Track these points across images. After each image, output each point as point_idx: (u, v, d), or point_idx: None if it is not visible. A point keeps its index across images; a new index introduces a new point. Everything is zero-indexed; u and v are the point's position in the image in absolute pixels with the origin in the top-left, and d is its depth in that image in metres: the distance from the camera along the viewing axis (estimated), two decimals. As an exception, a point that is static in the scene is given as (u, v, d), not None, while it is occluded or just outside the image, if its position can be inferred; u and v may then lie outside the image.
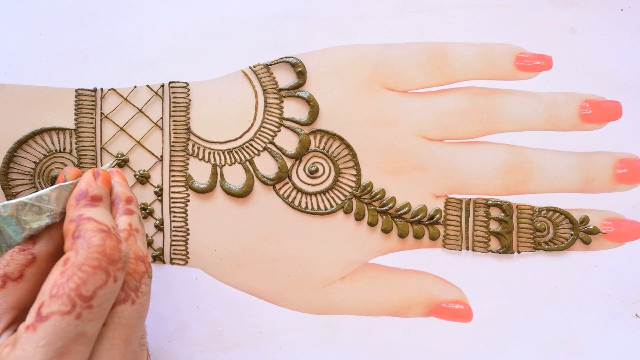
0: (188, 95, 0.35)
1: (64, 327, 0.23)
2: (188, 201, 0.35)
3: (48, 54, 0.35)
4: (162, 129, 0.35)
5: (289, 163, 0.35)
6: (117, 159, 0.34)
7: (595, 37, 0.35)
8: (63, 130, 0.34)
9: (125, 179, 0.31)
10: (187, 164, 0.35)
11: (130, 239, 0.27)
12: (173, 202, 0.35)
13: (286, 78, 0.35)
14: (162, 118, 0.35)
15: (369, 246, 0.35)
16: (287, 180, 0.35)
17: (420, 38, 0.35)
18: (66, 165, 0.35)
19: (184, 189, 0.35)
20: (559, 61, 0.35)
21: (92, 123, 0.35)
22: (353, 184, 0.35)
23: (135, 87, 0.35)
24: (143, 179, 0.35)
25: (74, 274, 0.24)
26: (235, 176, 0.35)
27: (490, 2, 0.35)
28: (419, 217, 0.35)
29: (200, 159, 0.35)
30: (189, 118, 0.35)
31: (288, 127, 0.35)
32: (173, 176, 0.35)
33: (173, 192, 0.35)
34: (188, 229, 0.35)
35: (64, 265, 0.24)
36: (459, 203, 0.35)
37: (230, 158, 0.35)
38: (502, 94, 0.35)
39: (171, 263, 0.35)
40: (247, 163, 0.35)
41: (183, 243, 0.35)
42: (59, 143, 0.34)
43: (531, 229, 0.35)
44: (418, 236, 0.35)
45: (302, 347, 0.35)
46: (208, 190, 0.35)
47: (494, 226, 0.35)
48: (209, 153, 0.35)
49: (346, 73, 0.35)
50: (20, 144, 0.34)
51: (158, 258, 0.35)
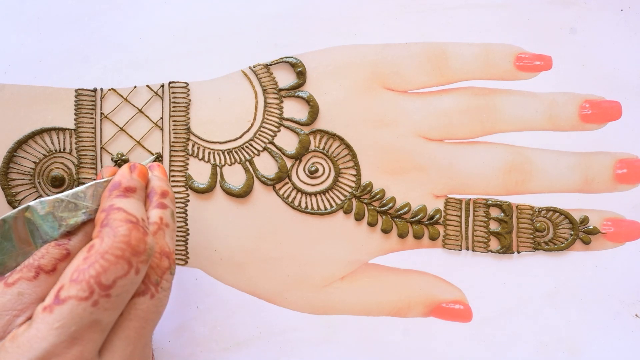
0: (188, 95, 0.35)
1: (80, 313, 0.23)
2: (188, 201, 0.35)
3: (48, 54, 0.35)
4: (162, 129, 0.35)
5: (289, 163, 0.35)
6: (156, 155, 0.34)
7: (595, 37, 0.35)
8: (63, 130, 0.34)
9: (165, 174, 0.31)
10: (187, 164, 0.35)
11: (159, 233, 0.27)
12: (173, 202, 0.35)
13: (286, 78, 0.35)
14: (162, 118, 0.35)
15: (369, 246, 0.35)
16: (287, 180, 0.35)
17: (420, 38, 0.35)
18: (66, 165, 0.35)
19: (184, 189, 0.35)
20: (559, 61, 0.35)
21: (92, 123, 0.35)
22: (353, 184, 0.35)
23: (135, 87, 0.35)
24: (143, 179, 0.35)
25: (96, 261, 0.24)
26: (235, 176, 0.35)
27: (490, 2, 0.35)
28: (419, 217, 0.35)
29: (200, 159, 0.35)
30: (189, 118, 0.35)
31: (288, 127, 0.35)
32: (173, 176, 0.35)
33: (173, 192, 0.35)
34: (188, 229, 0.35)
35: (88, 251, 0.24)
36: (459, 203, 0.35)
37: (230, 158, 0.35)
38: (502, 94, 0.35)
39: (171, 263, 0.35)
40: (247, 163, 0.35)
41: (183, 243, 0.35)
42: (59, 143, 0.34)
43: (531, 229, 0.35)
44: (418, 236, 0.35)
45: (302, 347, 0.35)
46: (208, 190, 0.35)
47: (494, 226, 0.35)
48: (209, 153, 0.35)
49: (346, 73, 0.35)
50: (20, 144, 0.34)
51: (158, 258, 0.35)
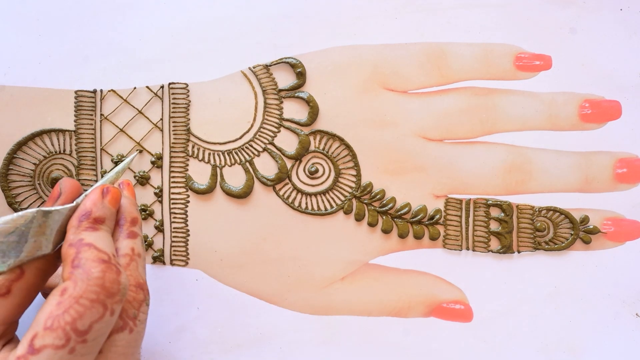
0: (188, 96, 0.35)
1: None
2: (188, 202, 0.35)
3: (47, 56, 0.35)
4: (162, 130, 0.35)
5: (289, 164, 0.35)
6: (137, 152, 0.34)
7: (594, 37, 0.35)
8: (63, 131, 0.34)
9: (134, 193, 0.30)
10: (187, 165, 0.35)
11: (131, 265, 0.27)
12: (173, 203, 0.35)
13: (286, 79, 0.35)
14: (162, 119, 0.35)
15: (369, 247, 0.35)
16: (287, 180, 0.35)
17: (419, 38, 0.35)
18: (66, 166, 0.35)
19: (184, 190, 0.35)
20: (559, 61, 0.35)
21: (92, 124, 0.35)
22: (353, 185, 0.35)
23: (134, 88, 0.35)
24: (143, 180, 0.35)
25: (71, 307, 0.23)
26: (235, 177, 0.35)
27: (490, 2, 0.35)
28: (419, 218, 0.35)
29: (200, 160, 0.35)
30: (189, 119, 0.35)
31: (288, 128, 0.35)
32: (173, 177, 0.35)
33: (173, 193, 0.35)
34: (188, 230, 0.35)
35: (61, 295, 0.23)
36: (459, 203, 0.35)
37: (230, 159, 0.35)
38: (502, 94, 0.35)
39: (171, 264, 0.35)
40: (247, 164, 0.35)
41: (183, 244, 0.35)
42: (59, 144, 0.34)
43: (531, 229, 0.35)
44: (418, 236, 0.35)
45: (303, 348, 0.35)
46: (208, 191, 0.35)
47: (494, 226, 0.35)
48: (209, 154, 0.35)
49: (346, 73, 0.35)
50: (20, 146, 0.34)
51: (158, 259, 0.35)
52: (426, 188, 0.35)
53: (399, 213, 0.35)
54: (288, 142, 0.35)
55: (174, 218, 0.35)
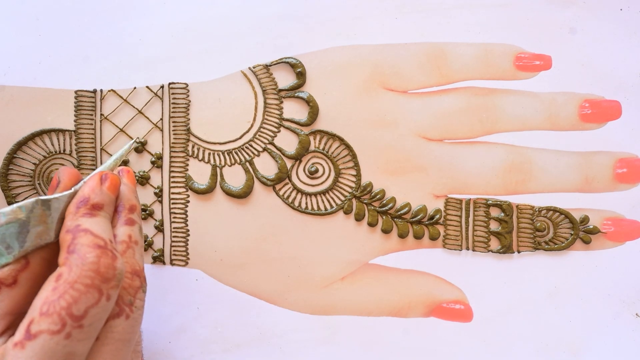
0: (188, 96, 0.35)
1: (53, 347, 0.22)
2: (188, 202, 0.35)
3: (47, 55, 0.35)
4: (162, 130, 0.35)
5: (289, 164, 0.35)
6: (134, 141, 0.33)
7: (594, 37, 0.35)
8: (63, 131, 0.34)
9: (134, 181, 0.30)
10: (187, 165, 0.35)
11: (128, 252, 0.27)
12: (173, 203, 0.35)
13: (286, 79, 0.35)
14: (162, 119, 0.35)
15: (369, 246, 0.35)
16: (287, 180, 0.35)
17: (419, 38, 0.35)
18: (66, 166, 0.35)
19: (184, 190, 0.35)
20: (559, 61, 0.35)
21: (92, 124, 0.35)
22: (353, 185, 0.35)
23: (134, 88, 0.35)
24: (143, 180, 0.35)
25: (66, 292, 0.23)
26: (235, 177, 0.35)
27: (490, 2, 0.35)
28: (419, 217, 0.35)
29: (200, 160, 0.35)
30: (189, 119, 0.35)
31: (288, 128, 0.35)
32: (173, 177, 0.35)
33: (173, 193, 0.35)
34: (188, 230, 0.35)
35: (57, 281, 0.23)
36: (459, 203, 0.35)
37: (230, 159, 0.35)
38: (502, 94, 0.35)
39: (171, 264, 0.35)
40: (247, 164, 0.35)
41: (183, 244, 0.35)
42: (59, 144, 0.34)
43: (531, 229, 0.35)
44: (418, 236, 0.35)
45: (303, 348, 0.35)
46: (208, 191, 0.35)
47: (494, 226, 0.35)
48: (209, 154, 0.35)
49: (346, 73, 0.35)
50: (20, 146, 0.34)
51: (158, 259, 0.35)
52: (426, 188, 0.35)
53: (399, 213, 0.35)
54: (288, 142, 0.35)
55: (174, 218, 0.35)
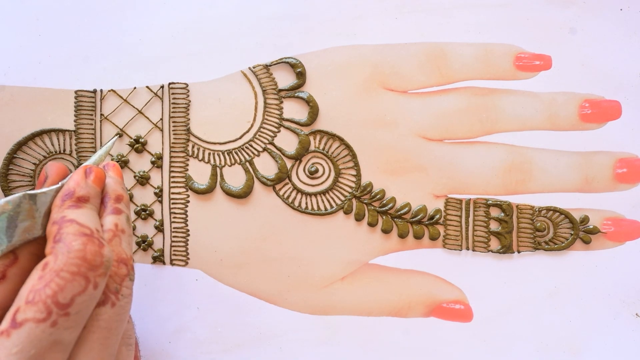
0: (188, 96, 0.35)
1: (38, 335, 0.22)
2: (188, 202, 0.35)
3: (47, 55, 0.35)
4: (162, 130, 0.35)
5: (289, 164, 0.35)
6: (117, 135, 0.34)
7: (594, 37, 0.35)
8: (63, 131, 0.34)
9: (120, 174, 0.30)
10: (187, 165, 0.35)
11: (114, 240, 0.26)
12: (173, 203, 0.35)
13: (286, 79, 0.35)
14: (162, 119, 0.35)
15: (369, 246, 0.35)
16: (287, 180, 0.35)
17: (419, 38, 0.35)
18: (66, 166, 0.34)
19: (184, 190, 0.35)
20: (559, 61, 0.35)
21: (92, 124, 0.35)
22: (353, 185, 0.35)
23: (134, 88, 0.35)
24: (143, 180, 0.35)
25: (52, 280, 0.23)
26: (235, 177, 0.35)
27: (490, 2, 0.35)
28: (419, 217, 0.35)
29: (200, 160, 0.35)
30: (189, 119, 0.35)
31: (288, 128, 0.35)
32: (173, 177, 0.35)
33: (173, 193, 0.35)
34: (188, 230, 0.35)
35: (43, 270, 0.23)
36: (459, 203, 0.35)
37: (230, 159, 0.35)
38: (502, 94, 0.35)
39: (171, 264, 0.35)
40: (247, 164, 0.35)
41: (183, 244, 0.35)
42: (59, 144, 0.34)
43: (531, 229, 0.35)
44: (418, 236, 0.35)
45: (303, 348, 0.35)
46: (208, 191, 0.35)
47: (494, 226, 0.35)
48: (209, 154, 0.35)
49: (346, 73, 0.35)
50: (20, 146, 0.34)
51: (158, 259, 0.35)
52: (426, 188, 0.35)
53: (399, 213, 0.35)
54: (288, 142, 0.35)
55: (174, 218, 0.35)
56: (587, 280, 0.35)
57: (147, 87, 0.35)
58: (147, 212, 0.35)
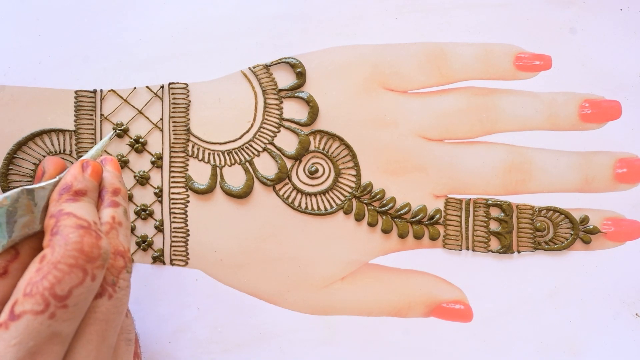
0: (188, 96, 0.35)
1: (37, 327, 0.22)
2: (188, 202, 0.35)
3: (47, 55, 0.35)
4: (162, 130, 0.35)
5: (289, 164, 0.35)
6: (113, 132, 0.34)
7: (594, 37, 0.35)
8: (63, 131, 0.34)
9: (118, 168, 0.30)
10: (187, 165, 0.35)
11: (111, 233, 0.26)
12: (173, 203, 0.35)
13: (286, 79, 0.35)
14: (162, 119, 0.35)
15: (369, 246, 0.35)
16: (287, 180, 0.35)
17: (419, 38, 0.35)
18: (66, 166, 0.34)
19: (184, 190, 0.35)
20: (559, 61, 0.35)
21: (92, 124, 0.35)
22: (353, 185, 0.35)
23: (134, 89, 0.35)
24: (143, 180, 0.35)
25: (49, 272, 0.23)
26: (235, 177, 0.35)
27: (490, 2, 0.35)
28: (419, 217, 0.35)
29: (200, 160, 0.35)
30: (189, 119, 0.35)
31: (288, 128, 0.35)
32: (173, 177, 0.35)
33: (173, 193, 0.35)
34: (188, 230, 0.35)
35: (40, 262, 0.23)
36: (459, 203, 0.35)
37: (230, 159, 0.35)
38: (502, 94, 0.35)
39: (171, 264, 0.35)
40: (247, 164, 0.35)
41: (183, 244, 0.35)
42: (59, 144, 0.34)
43: (531, 229, 0.35)
44: (418, 236, 0.35)
45: (303, 348, 0.35)
46: (208, 191, 0.35)
47: (494, 226, 0.35)
48: (209, 154, 0.35)
49: (346, 73, 0.35)
50: (20, 146, 0.34)
51: (158, 259, 0.35)
52: (426, 188, 0.35)
53: (399, 213, 0.35)
54: (288, 142, 0.35)
55: (174, 218, 0.35)
56: (587, 280, 0.35)
57: (147, 87, 0.35)
58: (147, 212, 0.35)
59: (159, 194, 0.35)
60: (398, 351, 0.35)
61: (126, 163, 0.35)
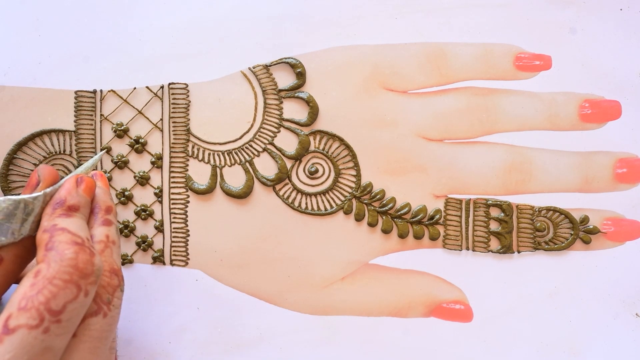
0: (187, 96, 0.35)
1: (31, 341, 0.22)
2: (188, 202, 0.35)
3: (47, 56, 0.35)
4: (162, 130, 0.35)
5: (289, 164, 0.35)
6: (104, 150, 0.34)
7: (594, 37, 0.35)
8: (63, 132, 0.34)
9: (107, 184, 0.31)
10: (187, 165, 0.35)
11: (106, 252, 0.27)
12: (173, 204, 0.35)
13: (286, 79, 0.35)
14: (162, 119, 0.35)
15: (369, 247, 0.35)
16: (287, 181, 0.35)
17: (419, 38, 0.35)
18: (66, 166, 0.35)
19: (184, 190, 0.35)
20: (559, 61, 0.35)
21: (92, 124, 0.35)
22: (353, 185, 0.35)
23: (134, 89, 0.35)
24: (143, 180, 0.35)
25: (44, 287, 0.23)
26: (235, 177, 0.35)
27: (490, 2, 0.35)
28: (419, 218, 0.35)
29: (200, 160, 0.35)
30: (189, 119, 0.35)
31: (288, 128, 0.35)
32: (173, 177, 0.35)
33: (173, 193, 0.35)
34: (188, 230, 0.35)
35: (35, 277, 0.24)
36: (459, 203, 0.35)
37: (230, 159, 0.35)
38: (502, 94, 0.35)
39: (171, 264, 0.35)
40: (247, 164, 0.35)
41: (183, 244, 0.35)
42: (59, 145, 0.34)
43: (531, 229, 0.35)
44: (418, 236, 0.35)
45: (303, 348, 0.35)
46: (208, 191, 0.35)
47: (494, 226, 0.35)
48: (209, 154, 0.35)
49: (346, 73, 0.35)
50: (20, 146, 0.34)
51: (158, 259, 0.35)
52: (426, 188, 0.35)
53: (399, 213, 0.35)
54: (288, 142, 0.35)
55: (174, 218, 0.35)
56: (587, 280, 0.35)
57: (147, 88, 0.35)
58: (147, 213, 0.35)
59: (159, 194, 0.35)
60: (398, 351, 0.35)
61: (126, 163, 0.35)
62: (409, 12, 0.35)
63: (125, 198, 0.35)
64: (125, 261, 0.35)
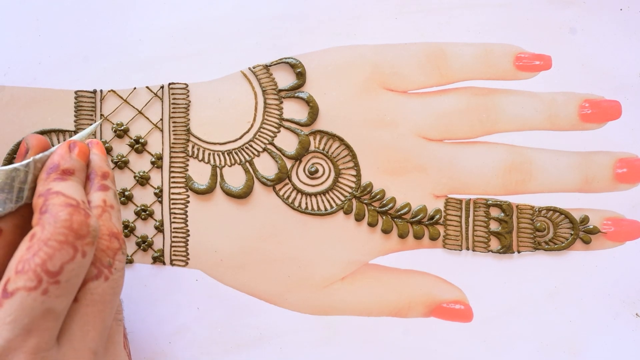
0: (187, 96, 0.35)
1: (30, 303, 0.23)
2: (188, 202, 0.35)
3: (47, 56, 0.35)
4: (162, 130, 0.35)
5: (289, 164, 0.35)
6: (98, 123, 0.34)
7: (594, 37, 0.35)
8: (63, 132, 0.34)
9: (104, 152, 0.30)
10: (187, 165, 0.35)
11: (104, 216, 0.27)
12: (173, 204, 0.35)
13: (286, 79, 0.35)
14: (162, 119, 0.35)
15: (369, 247, 0.35)
16: (287, 181, 0.35)
17: (419, 38, 0.35)
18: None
19: (184, 190, 0.35)
20: (559, 61, 0.35)
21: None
22: (353, 185, 0.35)
23: (134, 89, 0.35)
24: (143, 181, 0.35)
25: (40, 249, 0.23)
26: (235, 177, 0.35)
27: (490, 2, 0.35)
28: (419, 218, 0.35)
29: (200, 160, 0.35)
30: (189, 119, 0.35)
31: (288, 128, 0.35)
32: (173, 177, 0.35)
33: (173, 194, 0.35)
34: (188, 230, 0.35)
35: (30, 240, 0.24)
36: (459, 203, 0.35)
37: (230, 159, 0.35)
38: (502, 94, 0.35)
39: (171, 264, 0.35)
40: (247, 164, 0.35)
41: (183, 244, 0.35)
42: (59, 145, 0.34)
43: (531, 229, 0.35)
44: (418, 236, 0.35)
45: (303, 348, 0.35)
46: (208, 191, 0.35)
47: (494, 226, 0.35)
48: (209, 154, 0.35)
49: (346, 73, 0.35)
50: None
51: (158, 259, 0.35)
52: (426, 188, 0.35)
53: (399, 213, 0.35)
54: (288, 142, 0.35)
55: (174, 218, 0.35)
56: (587, 280, 0.35)
57: (147, 88, 0.35)
58: (147, 213, 0.35)
59: (159, 194, 0.35)
60: (398, 351, 0.35)
61: (126, 163, 0.35)
62: (409, 12, 0.35)
63: (125, 198, 0.35)
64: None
